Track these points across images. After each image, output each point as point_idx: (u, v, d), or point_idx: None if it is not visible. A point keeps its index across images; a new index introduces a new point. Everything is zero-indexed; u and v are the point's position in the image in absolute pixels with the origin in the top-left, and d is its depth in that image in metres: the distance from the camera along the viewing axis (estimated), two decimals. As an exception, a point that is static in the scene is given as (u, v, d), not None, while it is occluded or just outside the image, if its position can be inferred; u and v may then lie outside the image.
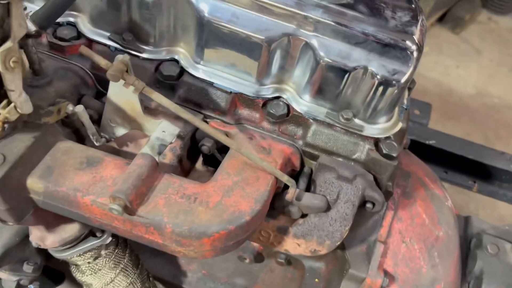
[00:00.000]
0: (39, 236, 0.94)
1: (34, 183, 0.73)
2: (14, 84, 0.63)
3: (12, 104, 0.65)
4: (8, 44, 0.59)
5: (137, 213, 0.71)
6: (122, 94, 0.74)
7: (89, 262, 1.02)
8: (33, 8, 0.91)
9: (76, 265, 1.03)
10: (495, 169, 1.80)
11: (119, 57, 0.69)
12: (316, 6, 0.78)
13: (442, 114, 3.03)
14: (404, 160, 1.15)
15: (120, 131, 0.82)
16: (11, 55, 0.60)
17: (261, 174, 0.78)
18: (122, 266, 1.06)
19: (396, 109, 0.88)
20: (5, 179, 0.70)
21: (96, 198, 0.72)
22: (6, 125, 0.68)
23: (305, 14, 0.77)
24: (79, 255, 1.00)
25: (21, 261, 1.06)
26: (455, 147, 1.81)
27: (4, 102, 0.65)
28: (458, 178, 1.90)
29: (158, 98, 0.71)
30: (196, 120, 0.74)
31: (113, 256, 1.04)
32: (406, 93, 0.93)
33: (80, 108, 0.76)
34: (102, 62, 0.69)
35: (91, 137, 0.81)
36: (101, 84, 0.89)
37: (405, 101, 0.91)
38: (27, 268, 1.05)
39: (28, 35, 0.77)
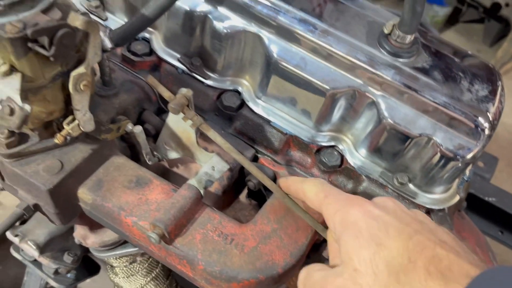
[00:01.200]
0: (82, 234, 0.98)
1: (84, 194, 0.76)
2: (81, 104, 0.66)
3: (76, 122, 0.68)
4: (81, 69, 0.61)
5: (173, 243, 0.72)
6: (180, 123, 0.76)
7: (124, 266, 1.06)
8: (113, 19, 0.95)
9: (111, 266, 1.07)
10: (556, 240, 1.67)
11: (183, 90, 0.70)
12: (388, 66, 0.75)
13: (510, 162, 2.85)
14: (457, 226, 1.09)
15: (173, 155, 0.84)
16: (82, 78, 0.63)
17: (301, 225, 0.77)
18: (154, 274, 1.09)
19: (456, 180, 0.83)
20: (59, 186, 0.74)
21: (138, 220, 0.73)
22: (68, 137, 0.72)
23: (376, 72, 0.75)
24: (116, 258, 1.04)
25: (62, 251, 1.12)
26: (517, 209, 1.69)
27: (69, 118, 0.68)
28: (513, 241, 1.79)
29: (213, 135, 0.72)
30: (246, 162, 0.73)
31: (147, 264, 1.07)
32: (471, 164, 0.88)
33: (138, 129, 0.78)
34: (165, 93, 0.70)
35: (144, 156, 0.83)
36: (164, 102, 0.92)
37: (467, 173, 0.86)
38: (67, 258, 1.10)
39: (103, 50, 0.80)
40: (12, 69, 0.58)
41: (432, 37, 0.81)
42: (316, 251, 0.82)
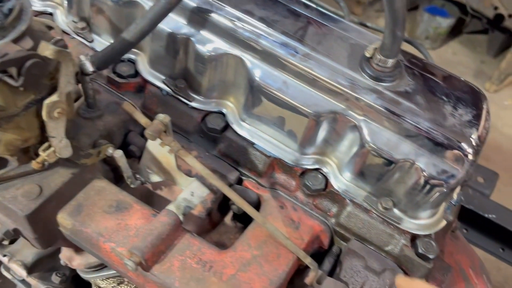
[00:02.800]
0: (67, 256, 0.97)
1: (63, 219, 0.76)
2: (56, 131, 0.65)
3: (52, 148, 0.67)
4: (54, 98, 0.61)
5: (151, 271, 0.71)
6: (160, 148, 0.75)
7: (112, 287, 1.05)
8: (100, 41, 0.95)
9: (99, 287, 1.06)
10: (558, 258, 1.63)
11: (160, 116, 0.70)
12: (369, 90, 0.74)
13: (513, 176, 2.81)
14: (450, 247, 1.06)
15: (155, 178, 0.83)
16: (56, 106, 0.62)
17: (283, 252, 0.76)
18: (141, 295, 1.08)
19: (443, 205, 0.82)
20: (37, 212, 0.73)
21: (116, 246, 0.73)
22: (46, 163, 0.71)
23: (357, 96, 0.74)
24: (103, 279, 1.03)
25: (51, 271, 1.11)
26: (517, 226, 1.66)
27: (45, 145, 0.68)
28: (515, 258, 1.75)
29: (192, 162, 0.71)
30: (225, 188, 0.72)
31: (134, 286, 1.06)
32: (458, 188, 0.86)
33: (118, 154, 0.77)
34: (142, 120, 0.70)
35: (126, 179, 0.82)
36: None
37: (455, 197, 0.84)
38: (55, 278, 1.10)
39: (85, 74, 0.80)
40: (-16, 98, 0.58)
41: (417, 59, 0.80)
42: (299, 276, 0.80)
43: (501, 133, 3.01)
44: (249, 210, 0.74)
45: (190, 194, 0.75)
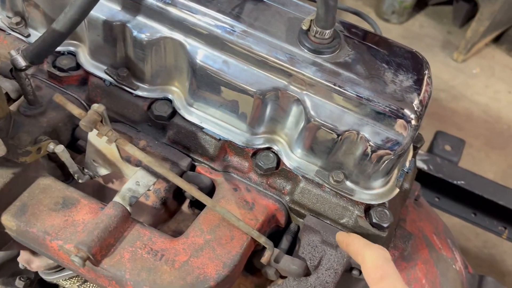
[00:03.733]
0: (26, 259, 0.95)
1: (8, 221, 0.73)
2: (-15, 130, 0.63)
3: (-16, 148, 0.65)
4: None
5: (100, 265, 0.69)
6: (101, 139, 0.73)
7: (77, 286, 1.03)
8: (36, 35, 0.92)
9: None
10: (530, 218, 1.67)
11: (94, 106, 0.67)
12: (309, 63, 0.72)
13: (487, 142, 2.85)
14: (412, 215, 1.07)
15: (103, 171, 0.81)
16: (-20, 104, 0.60)
17: (236, 234, 0.75)
18: (109, 291, 1.06)
19: (395, 172, 0.81)
20: (-21, 215, 0.71)
21: (63, 243, 0.71)
22: (-18, 164, 0.69)
23: (297, 70, 0.73)
24: (66, 280, 1.01)
25: (14, 275, 1.09)
26: (486, 190, 1.69)
27: (-24, 145, 0.65)
28: (487, 222, 1.78)
29: (132, 150, 0.69)
30: (170, 174, 0.71)
31: (100, 282, 1.04)
32: (410, 154, 0.86)
33: (60, 149, 0.75)
34: (75, 111, 0.68)
35: (73, 175, 0.80)
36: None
37: (407, 164, 0.84)
38: (19, 283, 1.07)
39: (18, 69, 0.77)
40: None
41: (357, 29, 0.79)
42: (258, 257, 0.79)
43: (471, 101, 3.05)
44: (197, 194, 0.73)
45: (135, 183, 0.74)
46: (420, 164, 1.72)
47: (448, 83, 3.10)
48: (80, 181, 0.82)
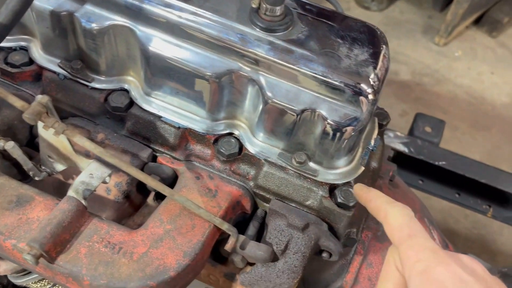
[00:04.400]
0: (-9, 263, 0.92)
1: (-41, 223, 0.71)
2: None
3: None
4: None
5: (56, 262, 0.67)
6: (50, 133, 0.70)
7: (49, 288, 1.01)
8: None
9: (34, 290, 1.02)
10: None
11: (38, 97, 0.65)
12: (261, 43, 0.70)
13: (472, 124, 2.85)
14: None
15: (59, 167, 0.78)
16: None
17: (198, 222, 0.73)
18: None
19: (359, 151, 0.80)
20: None
21: (17, 242, 0.68)
22: None
23: (250, 50, 0.70)
24: (35, 282, 0.99)
25: (-15, 282, 1.06)
26: (468, 170, 1.68)
27: None
28: (471, 201, 1.78)
29: (81, 141, 0.67)
30: (123, 165, 0.69)
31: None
32: (376, 131, 0.84)
33: (10, 146, 0.72)
34: (17, 103, 0.65)
35: (28, 172, 0.77)
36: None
37: (372, 142, 0.82)
38: (-10, 289, 1.05)
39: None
40: None
41: (311, 6, 0.77)
42: (224, 245, 0.77)
43: (455, 84, 3.04)
44: (154, 184, 0.71)
45: (89, 176, 0.71)
46: (401, 147, 1.70)
47: (431, 67, 3.09)
48: (37, 178, 0.79)
